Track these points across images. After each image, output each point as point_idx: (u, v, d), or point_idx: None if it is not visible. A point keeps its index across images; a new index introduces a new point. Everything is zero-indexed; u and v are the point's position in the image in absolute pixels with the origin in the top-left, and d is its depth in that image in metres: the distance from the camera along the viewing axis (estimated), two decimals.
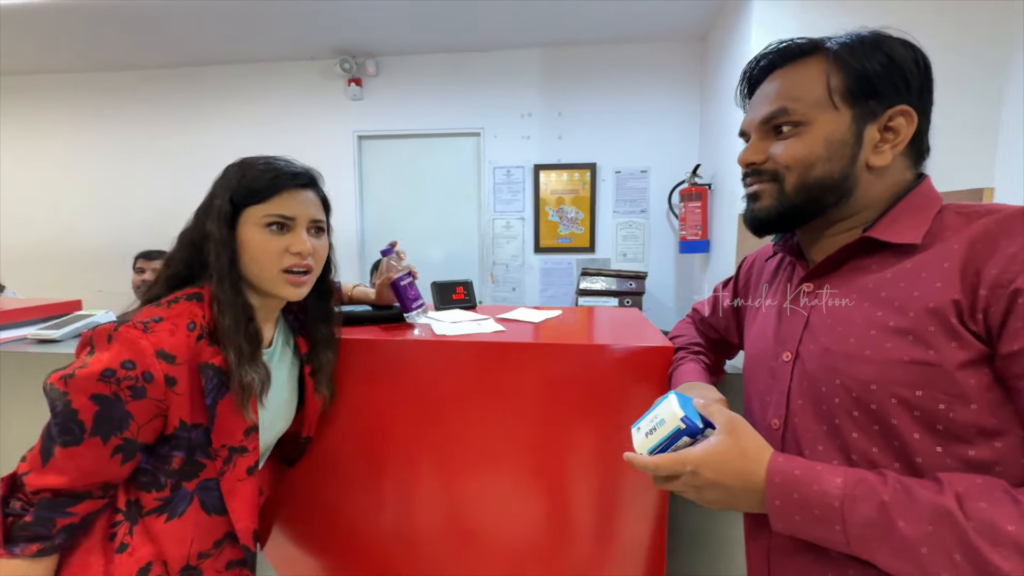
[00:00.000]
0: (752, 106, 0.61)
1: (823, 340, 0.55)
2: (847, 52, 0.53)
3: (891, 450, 0.48)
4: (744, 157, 0.60)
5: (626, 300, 2.74)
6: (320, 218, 0.77)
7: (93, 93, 3.33)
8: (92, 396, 0.58)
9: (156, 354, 0.61)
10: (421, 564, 1.00)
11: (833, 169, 0.53)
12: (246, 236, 0.70)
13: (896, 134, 0.53)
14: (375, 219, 3.28)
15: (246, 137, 3.22)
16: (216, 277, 0.68)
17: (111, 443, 0.60)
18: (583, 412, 0.90)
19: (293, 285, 0.72)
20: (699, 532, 1.03)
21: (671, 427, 0.54)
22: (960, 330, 0.45)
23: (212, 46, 2.96)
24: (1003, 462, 0.44)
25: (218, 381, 0.66)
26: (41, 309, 1.43)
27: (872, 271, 0.53)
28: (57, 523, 0.60)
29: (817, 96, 0.54)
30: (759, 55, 0.60)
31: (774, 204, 0.57)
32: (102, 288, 3.39)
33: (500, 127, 3.09)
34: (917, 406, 0.46)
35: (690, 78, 2.93)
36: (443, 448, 0.96)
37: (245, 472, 0.70)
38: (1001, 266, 0.44)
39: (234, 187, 0.70)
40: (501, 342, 0.92)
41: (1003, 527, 0.39)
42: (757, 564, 0.61)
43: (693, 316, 0.93)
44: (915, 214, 0.52)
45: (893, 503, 0.43)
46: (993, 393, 0.44)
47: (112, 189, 3.38)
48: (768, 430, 0.59)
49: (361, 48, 3.00)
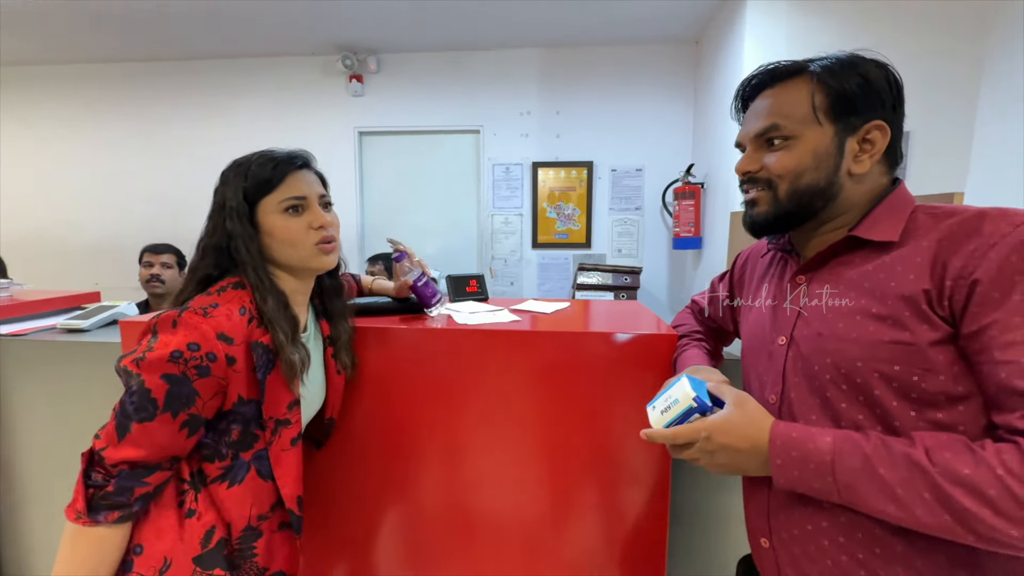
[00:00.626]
0: (746, 120, 0.69)
1: (815, 325, 0.63)
2: (828, 74, 0.61)
3: (874, 416, 0.57)
4: (741, 166, 0.68)
5: (621, 294, 2.83)
6: (325, 193, 0.84)
7: (92, 86, 3.32)
8: (163, 375, 0.65)
9: (217, 336, 0.68)
10: (437, 542, 1.07)
11: (819, 177, 0.62)
12: (269, 225, 0.76)
13: (872, 145, 0.61)
14: (375, 214, 3.33)
15: (247, 132, 3.24)
16: (252, 268, 0.75)
17: (180, 418, 0.66)
18: (597, 394, 0.98)
19: (326, 254, 0.80)
20: (699, 508, 1.12)
21: (684, 405, 0.62)
22: (930, 314, 0.54)
23: (214, 40, 2.97)
24: (965, 422, 0.53)
25: (267, 358, 0.73)
26: (61, 300, 1.48)
27: (856, 265, 0.62)
28: (135, 492, 0.66)
29: (803, 113, 0.62)
30: (750, 76, 0.68)
31: (770, 210, 0.66)
32: (99, 281, 3.39)
33: (499, 125, 3.16)
34: (895, 378, 0.55)
35: (684, 81, 3.02)
36: (464, 431, 1.03)
37: (289, 443, 0.77)
38: (963, 260, 0.52)
39: (243, 184, 0.76)
40: (522, 330, 0.99)
41: (961, 470, 0.48)
42: (757, 520, 0.69)
43: (693, 307, 1.01)
44: (892, 215, 0.61)
45: (874, 455, 0.53)
46: (958, 366, 0.53)
47: (110, 183, 3.38)
48: (766, 404, 0.67)
49: (363, 45, 3.04)
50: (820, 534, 0.61)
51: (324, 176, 0.87)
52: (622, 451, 1.00)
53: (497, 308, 1.20)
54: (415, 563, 1.09)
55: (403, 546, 1.09)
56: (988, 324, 0.50)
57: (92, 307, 1.36)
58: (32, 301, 1.38)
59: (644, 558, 1.04)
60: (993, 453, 0.48)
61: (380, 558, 1.10)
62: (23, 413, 1.19)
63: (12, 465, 1.22)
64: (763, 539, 0.68)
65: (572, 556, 1.05)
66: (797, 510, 0.63)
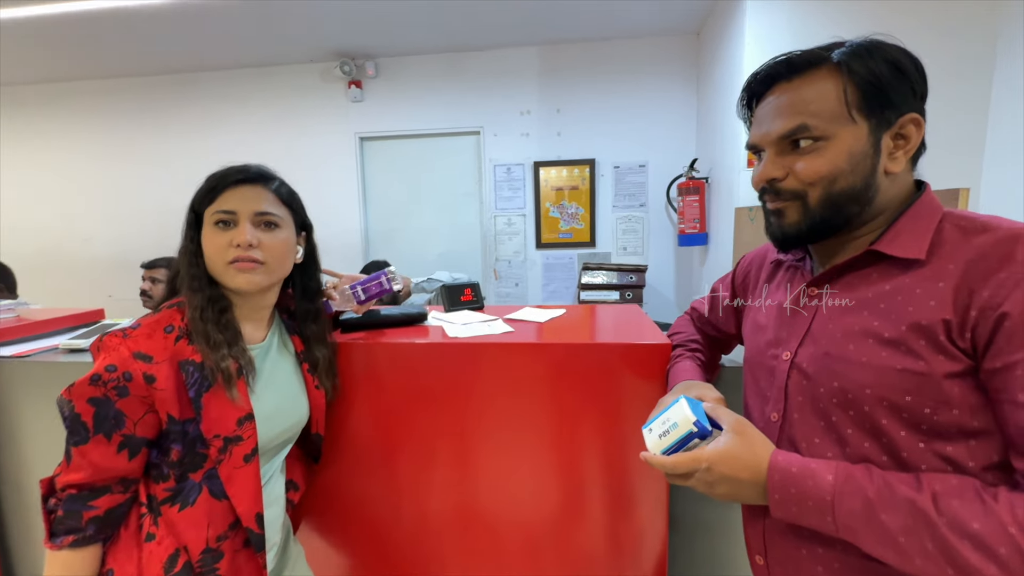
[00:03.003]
0: (762, 120, 0.60)
1: (823, 344, 0.58)
2: (856, 62, 0.54)
3: (880, 446, 0.53)
4: (764, 173, 0.60)
5: (627, 293, 2.80)
6: (268, 211, 0.77)
7: (93, 101, 3.38)
8: (89, 399, 0.67)
9: (133, 356, 0.68)
10: (438, 553, 1.07)
11: (856, 181, 0.55)
12: (204, 237, 0.77)
13: (907, 140, 0.55)
14: (378, 219, 3.34)
15: (248, 141, 3.27)
16: (182, 277, 0.77)
17: (115, 440, 0.68)
18: (587, 406, 0.96)
19: (239, 272, 0.75)
20: (698, 518, 1.09)
21: (684, 430, 0.58)
22: (948, 346, 0.49)
23: (212, 51, 3.00)
24: (977, 458, 0.49)
25: (199, 375, 0.71)
26: (66, 319, 1.50)
27: (873, 281, 0.56)
28: (84, 516, 0.68)
29: (835, 110, 0.54)
30: (762, 68, 0.60)
31: (802, 220, 0.59)
32: (112, 294, 3.46)
33: (499, 125, 3.14)
34: (905, 409, 0.51)
35: (686, 73, 2.96)
36: (457, 443, 1.02)
37: (242, 460, 0.75)
38: (991, 290, 0.48)
39: (194, 196, 0.78)
40: (510, 343, 0.98)
41: (969, 524, 0.45)
42: (755, 542, 0.67)
43: (692, 314, 0.98)
44: (917, 227, 0.55)
45: (877, 499, 0.49)
46: (975, 399, 0.49)
47: (116, 195, 3.44)
48: (767, 422, 0.65)
49: (360, 50, 3.04)
50: (815, 560, 0.59)
51: (285, 194, 0.82)
52: (618, 462, 0.99)
53: (491, 318, 1.19)
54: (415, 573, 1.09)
55: (403, 557, 1.09)
56: (1014, 362, 0.46)
57: (95, 326, 1.38)
58: (37, 321, 1.41)
59: (644, 568, 1.02)
60: (1006, 506, 0.45)
61: (381, 568, 1.10)
62: (30, 433, 1.21)
63: (21, 486, 1.24)
64: (759, 557, 0.67)
65: (571, 567, 1.04)
66: (793, 535, 0.60)
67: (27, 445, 1.22)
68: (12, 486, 1.26)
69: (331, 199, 3.25)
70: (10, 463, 1.24)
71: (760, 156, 0.63)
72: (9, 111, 3.44)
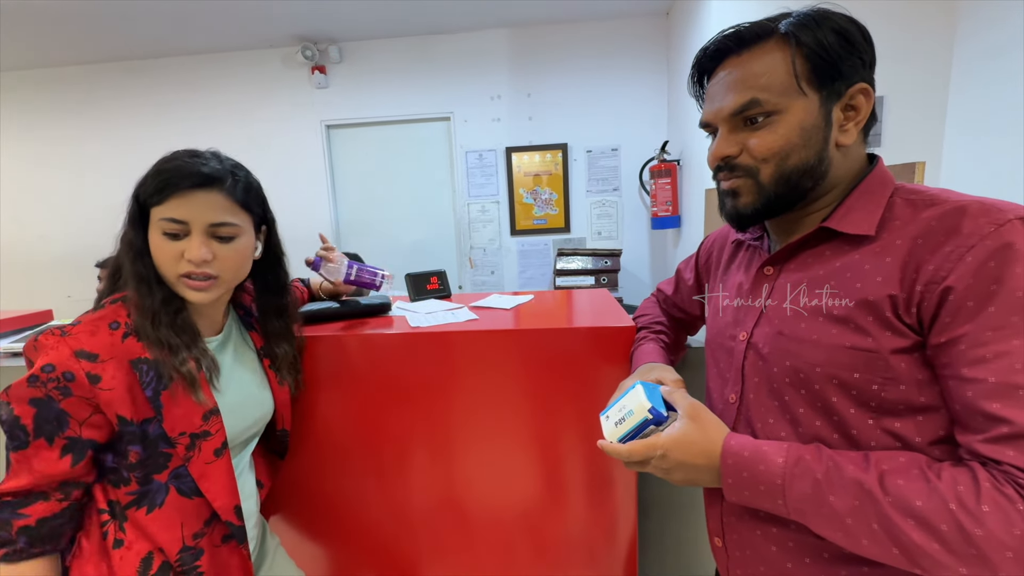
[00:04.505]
0: (713, 96, 0.60)
1: (776, 324, 0.59)
2: (804, 33, 0.53)
3: (831, 424, 0.54)
4: (718, 150, 0.59)
5: (602, 278, 2.80)
6: (224, 221, 0.71)
7: (38, 92, 3.19)
8: (29, 401, 0.62)
9: (75, 354, 0.63)
10: (411, 541, 1.06)
11: (809, 155, 0.54)
12: (151, 238, 0.70)
13: (857, 111, 0.54)
14: (349, 209, 3.26)
15: (209, 131, 3.14)
16: (128, 273, 0.70)
17: (57, 444, 0.63)
18: (554, 391, 0.96)
19: (193, 290, 0.70)
20: (668, 501, 1.10)
21: (639, 417, 0.58)
22: (894, 322, 0.49)
23: (164, 36, 2.85)
24: (924, 433, 0.50)
25: (154, 374, 0.68)
26: (11, 321, 1.42)
27: (826, 258, 0.56)
28: (13, 525, 0.63)
29: (785, 83, 0.53)
30: (709, 43, 0.59)
31: (756, 199, 0.58)
32: (71, 294, 3.31)
33: (470, 111, 3.07)
34: (854, 386, 0.51)
35: (656, 54, 2.94)
36: (424, 433, 1.00)
37: (212, 455, 0.73)
38: (936, 263, 0.47)
39: (139, 186, 0.70)
40: (472, 331, 0.96)
41: (913, 502, 0.45)
42: (714, 525, 0.68)
43: (658, 295, 0.97)
44: (868, 202, 0.54)
45: (825, 480, 0.49)
46: (922, 375, 0.49)
47: (70, 192, 3.27)
48: (725, 403, 0.65)
49: (322, 34, 2.93)
50: (770, 540, 0.59)
51: (240, 194, 0.74)
52: (585, 446, 0.98)
53: (456, 306, 1.17)
54: (390, 564, 1.07)
55: (376, 547, 1.07)
56: (958, 337, 0.46)
57: (40, 328, 1.31)
58: None
59: (617, 551, 1.03)
60: (949, 484, 0.45)
61: (355, 559, 1.08)
62: None
63: None
64: (717, 539, 0.67)
65: (542, 552, 1.04)
66: (749, 517, 0.61)
67: None
68: None
69: (299, 190, 3.15)
70: None
71: (714, 135, 0.61)
72: None
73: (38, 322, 1.43)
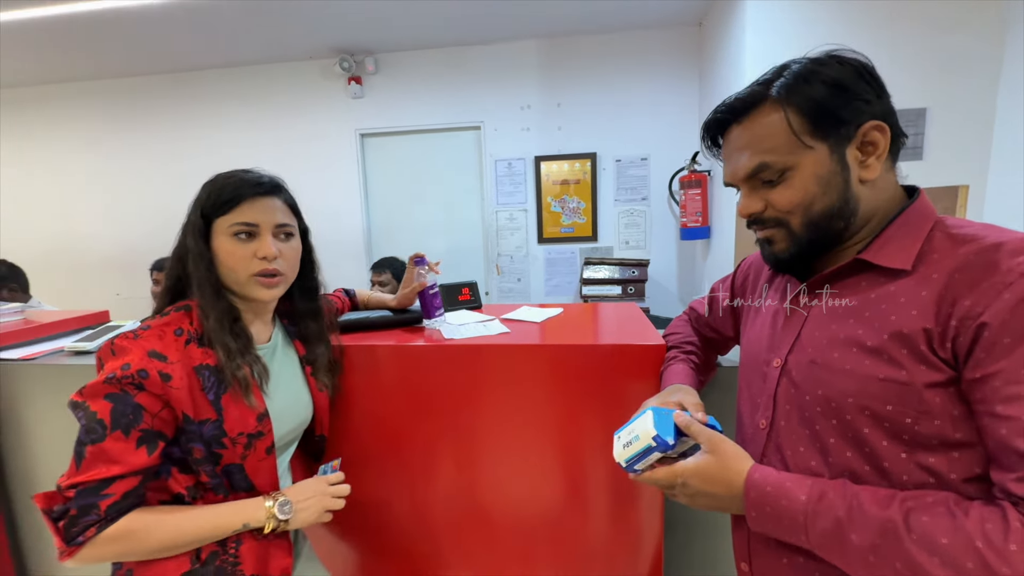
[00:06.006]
0: (728, 160, 0.63)
1: (810, 352, 0.59)
2: (792, 93, 0.55)
3: (862, 455, 0.54)
4: (743, 209, 0.61)
5: (629, 288, 2.79)
6: (286, 223, 0.82)
7: (91, 101, 3.39)
8: (105, 396, 0.67)
9: (148, 354, 0.69)
10: (437, 551, 1.09)
11: (832, 200, 0.56)
12: (218, 246, 0.77)
13: (876, 146, 0.55)
14: (380, 216, 3.34)
15: (250, 140, 3.28)
16: (196, 285, 0.76)
17: (133, 436, 0.68)
18: (583, 406, 0.97)
19: (265, 287, 0.79)
20: (694, 519, 1.10)
21: (644, 443, 0.60)
22: (928, 355, 0.49)
23: (209, 49, 2.99)
24: (959, 470, 0.49)
25: (216, 379, 0.74)
26: (71, 321, 1.52)
27: (861, 289, 0.56)
28: (100, 505, 0.66)
29: (788, 143, 0.55)
30: (709, 117, 0.63)
31: (791, 245, 0.60)
32: (120, 292, 3.50)
33: (500, 120, 3.12)
34: (887, 418, 0.51)
35: (687, 64, 2.93)
36: (453, 443, 1.03)
37: (264, 452, 0.79)
38: (973, 299, 0.47)
39: (203, 201, 0.77)
40: (507, 344, 0.99)
41: (938, 539, 0.45)
42: (740, 548, 0.68)
43: (690, 314, 0.97)
44: (907, 235, 0.54)
45: (847, 518, 0.49)
46: (958, 411, 0.48)
47: (119, 195, 3.46)
48: (755, 429, 0.65)
49: (359, 46, 3.02)
50: (796, 569, 0.59)
51: (296, 205, 0.86)
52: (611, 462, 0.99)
53: (488, 318, 1.20)
54: (415, 570, 1.10)
55: (403, 555, 1.10)
56: (992, 373, 0.45)
57: (99, 328, 1.40)
58: (42, 324, 1.43)
59: (641, 568, 1.03)
60: (976, 521, 0.44)
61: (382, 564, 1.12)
62: (37, 436, 1.24)
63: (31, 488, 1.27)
64: (744, 564, 0.68)
65: (567, 567, 1.05)
66: (776, 545, 0.61)
67: (35, 448, 1.25)
68: (23, 488, 1.28)
69: (333, 197, 3.25)
70: (19, 466, 1.27)
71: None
72: (8, 113, 3.47)
73: (97, 321, 1.53)
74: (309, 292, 0.93)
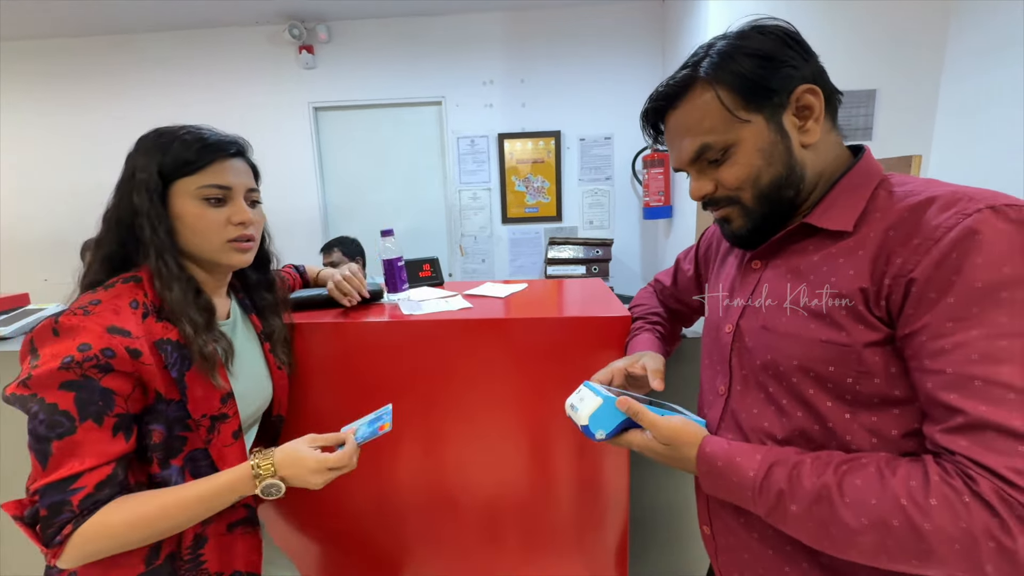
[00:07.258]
0: (671, 147, 0.63)
1: (760, 318, 0.60)
2: (721, 71, 0.55)
3: (810, 416, 0.54)
4: (695, 192, 0.62)
5: (593, 267, 2.80)
6: (255, 187, 0.77)
7: (19, 65, 3.05)
8: (60, 385, 0.58)
9: (108, 330, 0.60)
10: (402, 532, 1.05)
11: (778, 169, 0.56)
12: (182, 209, 0.69)
13: (811, 109, 0.55)
14: (338, 193, 3.20)
15: (192, 110, 3.04)
16: (155, 252, 0.67)
17: (107, 424, 0.60)
18: (548, 380, 0.95)
19: (240, 252, 0.74)
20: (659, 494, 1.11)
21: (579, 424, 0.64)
22: (866, 315, 0.50)
23: (150, 10, 2.73)
24: (900, 426, 0.50)
25: (179, 355, 0.66)
26: None
27: (808, 253, 0.57)
28: (72, 500, 0.59)
29: (724, 120, 0.56)
30: (645, 107, 0.63)
31: (747, 221, 0.60)
32: (47, 277, 3.22)
33: (462, 95, 3.02)
34: (829, 379, 0.52)
35: (651, 41, 2.91)
36: (416, 422, 0.99)
37: (231, 437, 0.72)
38: (905, 256, 0.47)
39: (160, 158, 0.68)
40: (466, 319, 0.95)
41: (868, 501, 0.45)
42: (702, 512, 0.70)
43: (655, 286, 0.97)
44: (851, 195, 0.54)
45: (787, 491, 0.50)
46: (895, 368, 0.49)
47: (47, 170, 3.15)
48: (715, 394, 0.66)
49: (311, 12, 2.84)
50: (751, 528, 0.61)
51: (257, 169, 0.80)
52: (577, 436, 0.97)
53: (450, 294, 1.15)
54: (379, 553, 1.07)
55: (366, 536, 1.07)
56: (920, 328, 0.46)
57: (15, 311, 1.27)
58: None
59: (606, 543, 1.03)
60: (903, 479, 0.45)
61: (344, 548, 1.07)
62: None
63: None
64: (705, 526, 0.69)
65: (535, 544, 1.04)
66: (732, 506, 0.62)
67: None
68: None
69: (286, 173, 3.07)
70: None
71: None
72: None
73: (14, 305, 1.38)
74: (262, 263, 0.87)
